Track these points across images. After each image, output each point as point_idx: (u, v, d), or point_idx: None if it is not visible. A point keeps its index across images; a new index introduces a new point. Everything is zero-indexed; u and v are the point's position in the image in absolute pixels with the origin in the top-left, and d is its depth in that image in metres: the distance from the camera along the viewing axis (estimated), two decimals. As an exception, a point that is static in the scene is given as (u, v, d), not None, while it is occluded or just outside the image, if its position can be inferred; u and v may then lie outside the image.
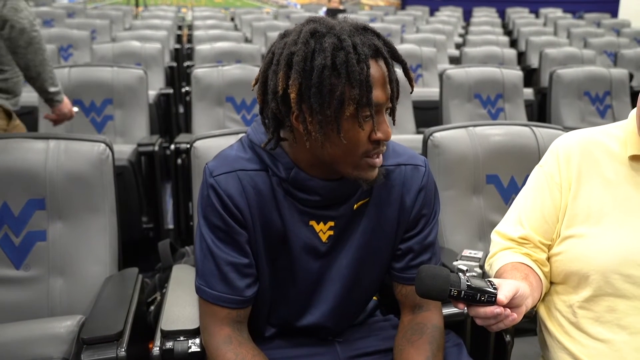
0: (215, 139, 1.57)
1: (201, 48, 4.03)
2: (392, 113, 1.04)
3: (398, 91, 1.03)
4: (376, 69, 0.97)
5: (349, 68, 0.93)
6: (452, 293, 0.91)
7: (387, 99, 1.00)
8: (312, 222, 1.12)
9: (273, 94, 0.99)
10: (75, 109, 2.36)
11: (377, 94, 0.97)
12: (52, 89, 2.14)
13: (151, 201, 2.77)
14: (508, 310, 0.92)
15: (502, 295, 0.91)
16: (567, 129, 1.69)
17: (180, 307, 1.29)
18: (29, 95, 3.32)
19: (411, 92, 1.09)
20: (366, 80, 0.94)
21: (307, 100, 0.95)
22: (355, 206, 1.12)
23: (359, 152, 1.00)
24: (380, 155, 1.04)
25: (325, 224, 1.12)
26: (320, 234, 1.13)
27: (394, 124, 1.03)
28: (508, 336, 1.31)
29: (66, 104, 2.25)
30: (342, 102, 0.95)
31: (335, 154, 1.01)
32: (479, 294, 0.91)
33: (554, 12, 9.17)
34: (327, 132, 0.98)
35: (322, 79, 0.94)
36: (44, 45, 2.06)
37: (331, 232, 1.13)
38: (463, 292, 0.91)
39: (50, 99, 2.18)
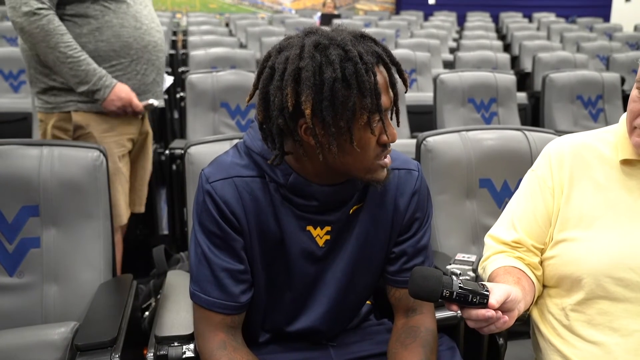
0: (210, 145, 1.57)
1: (196, 54, 4.03)
2: (397, 115, 1.06)
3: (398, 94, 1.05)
4: (380, 75, 0.99)
5: (359, 78, 0.94)
6: (444, 294, 0.92)
7: (392, 102, 1.02)
8: (309, 227, 1.12)
9: (279, 110, 0.98)
10: (153, 102, 2.02)
11: (384, 100, 0.99)
12: (81, 89, 1.85)
13: (146, 207, 2.76)
14: (500, 313, 0.93)
15: (494, 300, 0.92)
16: (560, 132, 1.70)
17: (175, 312, 1.29)
18: (22, 102, 3.33)
19: (405, 92, 1.11)
20: (375, 88, 0.96)
21: (319, 114, 0.96)
22: (350, 210, 1.13)
23: (371, 157, 1.02)
24: (389, 155, 1.05)
25: (322, 228, 1.13)
26: (317, 239, 1.13)
27: (398, 126, 1.06)
28: (501, 339, 1.32)
29: (111, 101, 1.89)
30: (354, 112, 0.96)
31: (348, 161, 1.02)
32: (470, 296, 0.92)
33: (547, 17, 9.23)
34: (340, 142, 0.98)
35: (334, 91, 0.94)
36: (53, 40, 1.77)
37: (328, 237, 1.13)
38: (455, 293, 0.92)
39: (91, 99, 1.89)
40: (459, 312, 0.95)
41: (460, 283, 0.92)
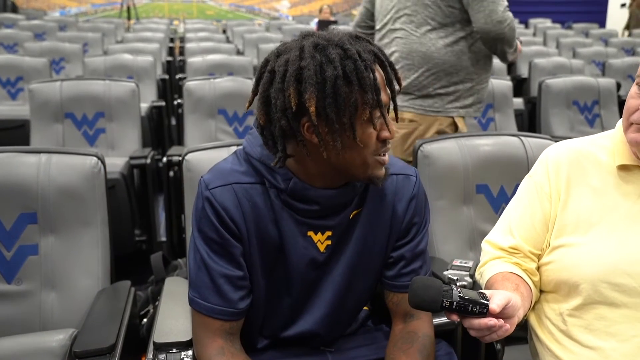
0: (207, 152, 1.57)
1: (193, 60, 4.04)
2: (395, 110, 1.10)
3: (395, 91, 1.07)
4: (377, 73, 1.02)
5: (359, 75, 0.97)
6: (444, 304, 0.92)
7: (389, 99, 1.05)
8: (310, 233, 1.13)
9: (282, 112, 1.00)
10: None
11: (382, 96, 1.01)
12: (512, 57, 2.20)
13: (143, 214, 2.77)
14: (502, 321, 0.93)
15: (495, 304, 0.92)
16: (556, 138, 1.70)
17: (173, 319, 1.29)
18: (19, 109, 3.33)
19: (399, 91, 1.13)
20: (375, 84, 0.99)
21: (323, 111, 0.98)
22: (351, 215, 1.14)
23: (371, 153, 1.04)
24: (387, 154, 1.07)
25: (323, 234, 1.13)
26: (319, 244, 1.14)
27: (396, 121, 1.09)
28: (499, 345, 1.32)
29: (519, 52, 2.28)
30: (356, 108, 0.98)
31: (350, 158, 1.03)
32: (470, 305, 0.91)
33: (543, 23, 9.26)
34: (343, 139, 1.00)
35: (336, 88, 0.97)
36: (515, 33, 2.07)
37: (329, 242, 1.14)
38: (455, 303, 0.91)
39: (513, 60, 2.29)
40: (457, 320, 0.95)
41: (460, 293, 0.92)
